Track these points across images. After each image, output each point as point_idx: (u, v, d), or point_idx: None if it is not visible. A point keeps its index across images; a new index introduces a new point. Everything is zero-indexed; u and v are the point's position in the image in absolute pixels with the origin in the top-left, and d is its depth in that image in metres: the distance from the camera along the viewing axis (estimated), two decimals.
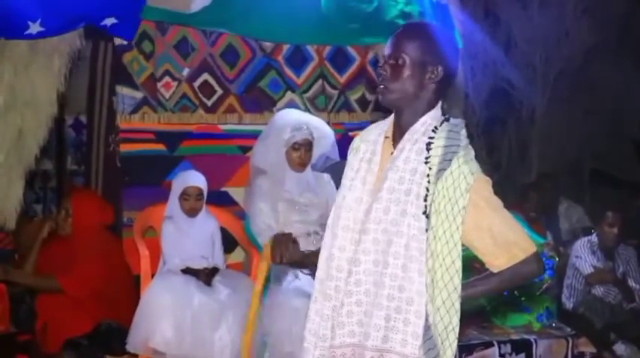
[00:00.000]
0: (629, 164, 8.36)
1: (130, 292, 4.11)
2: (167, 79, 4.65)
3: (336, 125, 4.92)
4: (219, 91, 4.80)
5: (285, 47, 4.96)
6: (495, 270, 2.07)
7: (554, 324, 4.21)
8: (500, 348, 3.76)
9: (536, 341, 3.85)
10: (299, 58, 5.00)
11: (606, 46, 8.09)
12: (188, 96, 4.72)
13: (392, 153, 2.08)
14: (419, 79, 2.06)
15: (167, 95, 4.66)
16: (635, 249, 5.18)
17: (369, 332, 1.99)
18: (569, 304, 4.97)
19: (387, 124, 2.16)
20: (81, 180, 5.79)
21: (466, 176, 1.98)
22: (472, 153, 2.05)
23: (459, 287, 1.98)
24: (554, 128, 8.20)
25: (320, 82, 5.04)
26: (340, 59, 5.11)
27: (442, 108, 2.11)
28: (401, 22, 4.93)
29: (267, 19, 4.52)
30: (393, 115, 2.15)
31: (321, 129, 4.14)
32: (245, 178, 4.61)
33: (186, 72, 4.70)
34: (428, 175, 1.99)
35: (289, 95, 4.99)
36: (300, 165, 4.04)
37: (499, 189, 2.07)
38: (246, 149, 4.77)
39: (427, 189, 1.98)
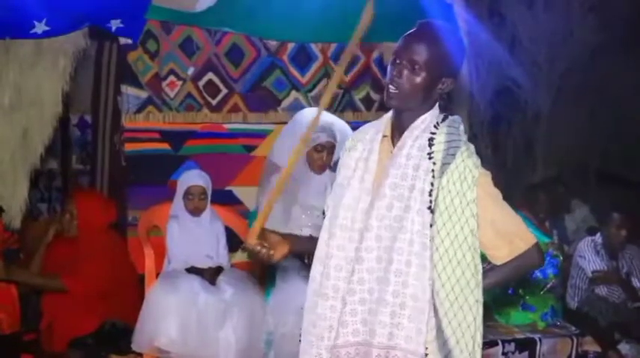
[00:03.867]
0: (635, 164, 8.32)
1: (135, 291, 4.12)
2: (172, 78, 4.66)
3: None
4: (224, 90, 4.81)
5: (290, 46, 4.96)
6: (498, 263, 2.09)
7: (558, 323, 4.20)
8: (504, 347, 3.75)
9: (540, 340, 3.85)
10: (304, 57, 5.00)
11: (612, 46, 8.06)
12: (193, 96, 4.73)
13: (391, 151, 2.08)
14: (432, 88, 2.06)
15: (172, 94, 4.67)
16: (639, 248, 5.16)
17: (374, 330, 1.98)
18: (573, 303, 4.95)
19: (382, 123, 2.16)
20: (86, 179, 5.81)
21: (471, 169, 1.99)
22: (472, 147, 2.06)
23: (473, 282, 1.98)
24: (560, 127, 8.16)
25: (325, 81, 5.03)
26: None
27: (440, 105, 2.11)
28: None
29: (271, 18, 4.52)
30: (389, 114, 2.15)
31: (344, 133, 3.98)
32: (250, 177, 4.62)
33: (191, 71, 4.71)
34: (432, 170, 1.99)
35: (294, 94, 4.99)
36: (320, 168, 3.95)
37: (504, 188, 2.08)
38: (250, 148, 4.78)
39: (432, 184, 1.98)
